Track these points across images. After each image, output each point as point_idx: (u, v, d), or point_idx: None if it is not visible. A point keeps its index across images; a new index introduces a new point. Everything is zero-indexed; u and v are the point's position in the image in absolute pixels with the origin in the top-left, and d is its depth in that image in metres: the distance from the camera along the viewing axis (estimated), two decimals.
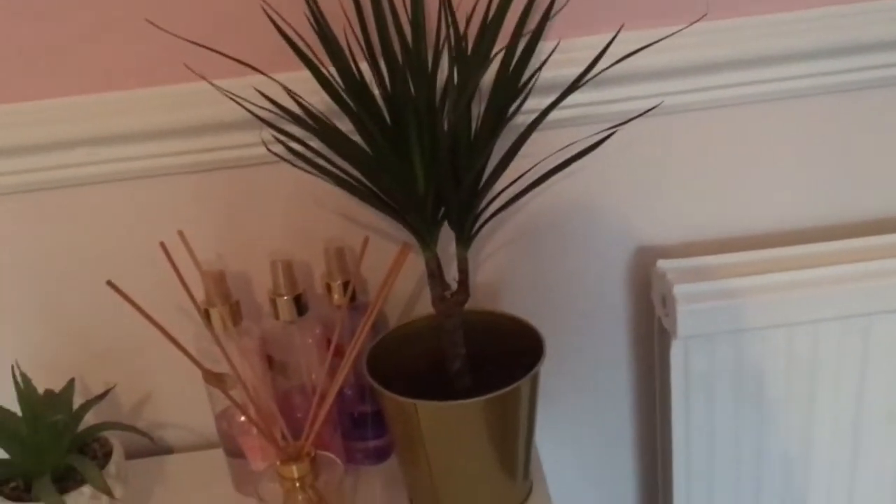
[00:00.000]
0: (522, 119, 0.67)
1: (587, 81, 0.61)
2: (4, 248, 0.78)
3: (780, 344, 0.77)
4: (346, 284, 0.75)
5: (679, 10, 0.70)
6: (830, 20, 0.71)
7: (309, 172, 0.64)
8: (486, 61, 0.61)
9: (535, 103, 0.68)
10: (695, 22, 0.69)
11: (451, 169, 0.62)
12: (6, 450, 0.69)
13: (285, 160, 0.66)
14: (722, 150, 0.78)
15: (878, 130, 0.78)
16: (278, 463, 0.69)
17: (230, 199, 0.77)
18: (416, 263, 0.79)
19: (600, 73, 0.61)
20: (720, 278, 0.76)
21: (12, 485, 0.69)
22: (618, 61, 0.62)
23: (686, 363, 0.77)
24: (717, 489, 0.83)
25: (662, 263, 0.78)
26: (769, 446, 0.81)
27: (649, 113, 0.72)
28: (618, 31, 0.64)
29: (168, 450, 0.86)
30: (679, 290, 0.75)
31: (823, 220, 0.82)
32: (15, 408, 0.69)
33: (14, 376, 0.69)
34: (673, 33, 0.68)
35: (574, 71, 0.67)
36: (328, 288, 0.76)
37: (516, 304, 0.83)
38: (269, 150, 0.69)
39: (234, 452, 0.78)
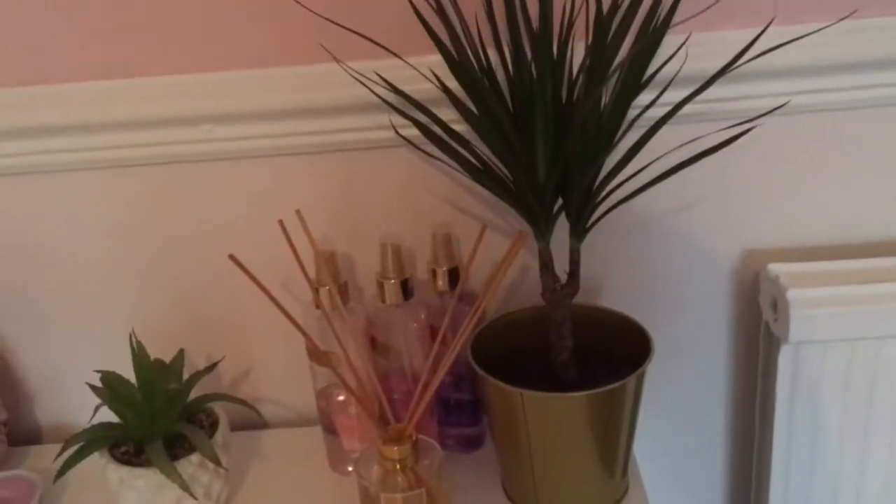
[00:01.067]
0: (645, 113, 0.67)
1: (725, 75, 0.60)
2: (120, 221, 0.80)
3: (894, 357, 0.74)
4: (451, 271, 0.75)
5: (818, 7, 0.69)
6: None
7: (433, 157, 0.65)
8: (619, 48, 0.60)
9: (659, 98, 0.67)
10: (843, 19, 0.67)
11: (576, 161, 0.62)
12: (119, 414, 0.71)
13: (413, 144, 0.66)
14: (842, 153, 0.76)
15: None
16: (380, 443, 0.70)
17: (342, 181, 0.78)
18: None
19: (735, 68, 0.60)
20: (834, 284, 0.74)
21: (122, 449, 0.71)
22: (759, 55, 0.60)
23: (794, 370, 0.75)
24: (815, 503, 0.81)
25: (774, 266, 0.77)
26: (873, 462, 0.79)
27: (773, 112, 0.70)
28: (767, 25, 0.62)
29: (264, 425, 0.88)
30: (793, 294, 0.73)
31: None
32: (126, 374, 0.71)
33: (131, 344, 0.71)
34: (819, 30, 0.66)
35: (700, 66, 0.66)
36: (433, 274, 0.76)
37: (617, 298, 0.82)
38: (398, 133, 0.69)
39: (333, 430, 0.79)
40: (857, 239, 0.80)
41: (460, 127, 0.69)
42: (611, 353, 0.73)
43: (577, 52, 0.65)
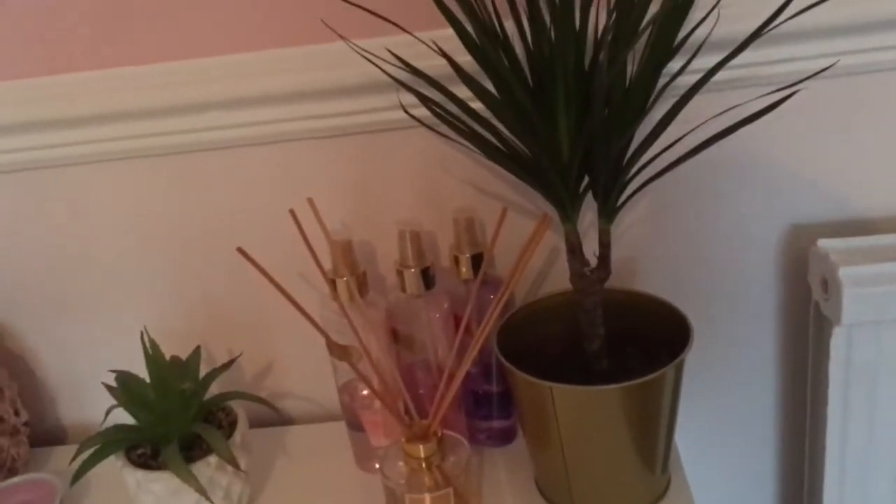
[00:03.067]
0: (676, 81, 0.62)
1: (762, 37, 0.55)
2: (135, 213, 0.77)
3: None
4: (475, 258, 0.71)
5: None
6: None
7: (449, 137, 0.61)
8: (646, 10, 0.55)
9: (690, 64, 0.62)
10: None
11: (602, 134, 0.57)
12: (134, 416, 0.69)
13: (426, 125, 0.62)
14: (893, 118, 0.70)
15: None
16: (404, 441, 0.67)
17: (358, 166, 0.74)
18: (545, 237, 0.75)
19: (772, 28, 0.55)
20: (888, 260, 0.68)
21: (139, 451, 0.69)
22: (798, 13, 0.55)
23: (848, 353, 0.70)
24: (873, 493, 0.76)
25: (824, 243, 0.71)
26: None
27: (818, 75, 0.64)
28: None
29: (289, 421, 0.85)
30: (845, 272, 0.67)
31: None
32: (142, 374, 0.69)
33: (143, 342, 0.68)
34: None
35: (734, 28, 0.61)
36: (456, 261, 0.72)
37: (655, 283, 0.77)
38: (409, 114, 0.65)
39: (357, 426, 0.76)
40: None
41: (479, 104, 0.65)
42: (647, 340, 0.68)
43: (601, 19, 0.60)
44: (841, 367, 0.71)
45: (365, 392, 0.75)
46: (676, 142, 0.62)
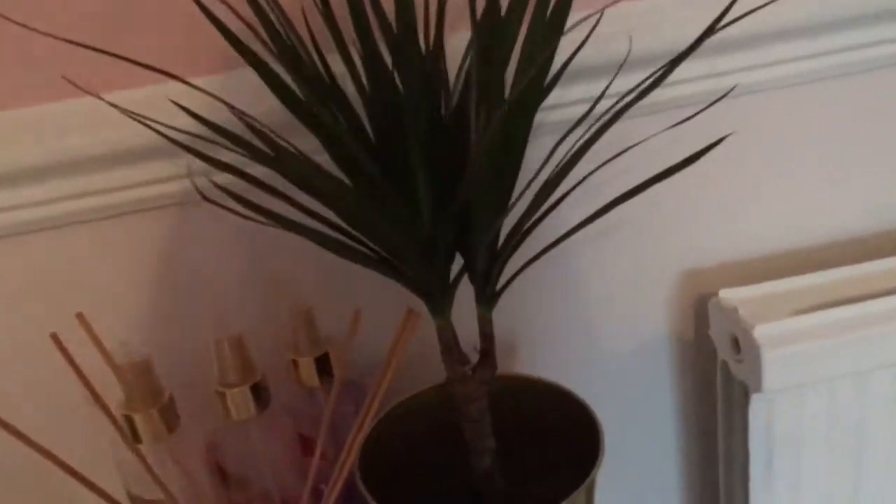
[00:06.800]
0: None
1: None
2: None
3: (882, 393, 0.60)
4: (319, 360, 0.56)
5: None
6: None
7: (253, 220, 0.44)
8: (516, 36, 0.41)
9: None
10: None
11: (480, 202, 0.43)
12: None
13: (219, 205, 0.44)
14: (762, 150, 0.61)
15: None
16: None
17: (146, 255, 0.56)
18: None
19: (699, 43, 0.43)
20: (803, 308, 0.59)
21: None
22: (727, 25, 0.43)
23: (769, 423, 0.60)
24: None
25: (727, 294, 0.61)
26: None
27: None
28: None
29: None
30: (761, 331, 0.57)
31: None
32: None
33: None
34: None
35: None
36: (294, 365, 0.56)
37: (537, 361, 0.64)
38: (199, 192, 0.47)
39: None
40: (805, 243, 0.65)
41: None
42: (542, 436, 0.56)
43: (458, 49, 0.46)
44: (761, 439, 0.60)
45: None
46: (560, 201, 0.49)
